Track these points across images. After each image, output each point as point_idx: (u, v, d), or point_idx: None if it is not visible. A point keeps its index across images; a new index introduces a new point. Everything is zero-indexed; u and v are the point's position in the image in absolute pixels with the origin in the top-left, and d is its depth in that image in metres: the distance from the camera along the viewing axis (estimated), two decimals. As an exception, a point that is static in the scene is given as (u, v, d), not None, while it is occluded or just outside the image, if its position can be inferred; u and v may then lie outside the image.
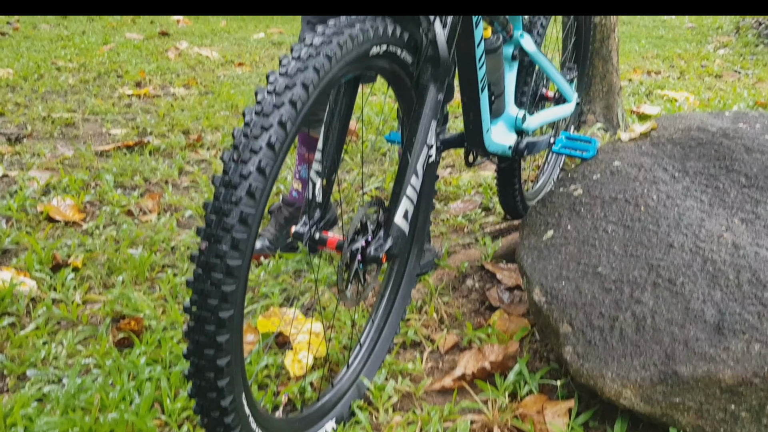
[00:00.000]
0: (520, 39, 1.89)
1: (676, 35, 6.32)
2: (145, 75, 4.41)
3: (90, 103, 3.72)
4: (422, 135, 1.31)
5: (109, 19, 6.67)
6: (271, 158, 0.99)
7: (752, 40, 5.89)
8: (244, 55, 5.18)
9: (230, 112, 3.56)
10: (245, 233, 0.97)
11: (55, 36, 5.70)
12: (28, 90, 4.00)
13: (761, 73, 4.57)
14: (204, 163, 2.87)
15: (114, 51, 5.10)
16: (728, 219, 1.63)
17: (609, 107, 3.07)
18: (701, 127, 2.02)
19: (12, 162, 2.85)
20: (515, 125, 1.94)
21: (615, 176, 1.86)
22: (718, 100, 3.81)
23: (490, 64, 1.72)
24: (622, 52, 5.33)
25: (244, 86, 4.15)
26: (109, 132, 3.25)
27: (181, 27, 6.43)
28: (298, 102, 1.02)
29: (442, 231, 2.28)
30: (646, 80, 4.37)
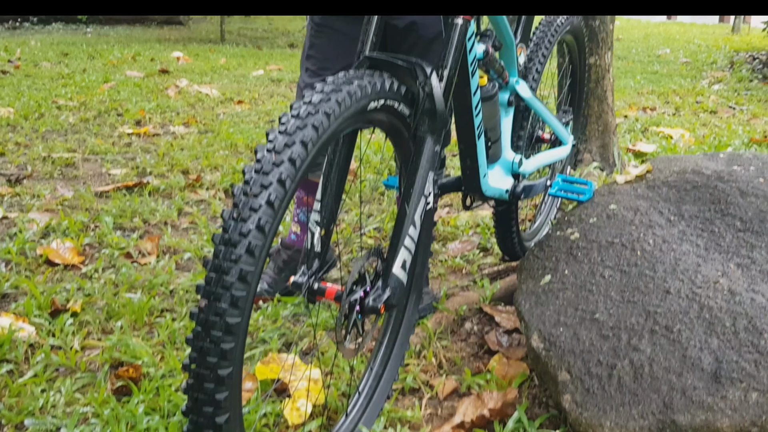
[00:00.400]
0: (516, 85, 1.91)
1: (671, 70, 6.39)
2: (145, 113, 4.45)
3: (90, 142, 3.75)
4: (420, 186, 1.33)
5: (109, 57, 6.74)
6: (271, 216, 1.01)
7: (746, 75, 5.96)
8: (244, 93, 5.23)
9: (229, 151, 3.58)
10: (244, 291, 0.98)
11: (56, 74, 5.75)
12: (28, 129, 4.03)
13: (755, 109, 4.61)
14: (203, 203, 2.88)
15: (114, 89, 5.15)
16: (724, 264, 1.64)
17: (605, 146, 3.10)
18: (696, 169, 2.04)
19: (12, 203, 2.86)
20: (512, 169, 1.96)
21: (611, 220, 1.88)
22: (714, 137, 3.85)
23: (487, 112, 1.75)
24: (617, 88, 5.39)
25: (244, 124, 4.18)
26: (109, 172, 3.27)
27: (181, 64, 6.49)
28: (297, 160, 1.04)
29: (440, 272, 2.29)
30: (641, 117, 4.41)
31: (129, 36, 9.06)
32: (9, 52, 6.99)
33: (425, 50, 1.82)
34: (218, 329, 0.98)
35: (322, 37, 1.85)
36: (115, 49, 7.37)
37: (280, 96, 5.18)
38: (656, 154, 3.43)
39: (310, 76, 1.88)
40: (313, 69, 1.88)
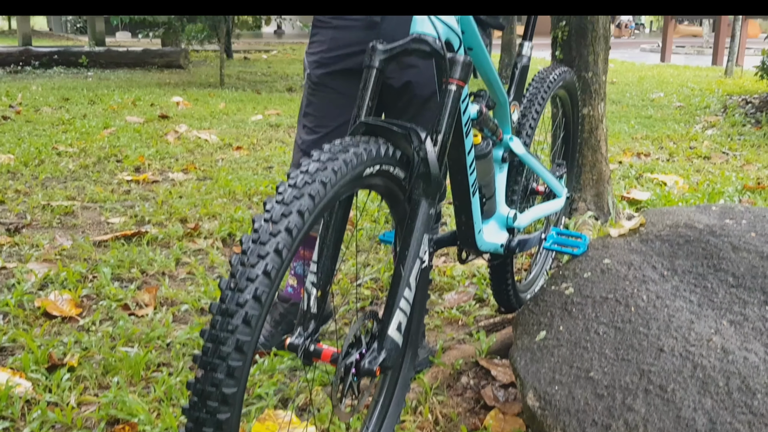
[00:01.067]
0: (510, 142, 1.95)
1: (665, 115, 6.47)
2: (144, 160, 4.49)
3: (89, 190, 3.78)
4: (414, 249, 1.35)
5: (110, 102, 6.81)
6: (267, 286, 1.02)
7: (739, 120, 6.03)
8: (242, 138, 5.28)
9: (227, 199, 3.61)
10: (241, 361, 1.00)
11: (57, 119, 5.81)
12: (28, 176, 4.06)
13: (748, 155, 4.66)
14: (201, 253, 2.90)
15: (114, 135, 5.20)
16: (717, 321, 1.66)
17: (599, 195, 3.13)
18: (688, 223, 2.07)
19: (11, 253, 2.88)
20: (506, 224, 1.98)
21: (605, 274, 1.89)
22: (707, 184, 3.88)
23: (481, 169, 1.78)
24: (612, 133, 5.46)
25: (242, 171, 4.22)
26: (108, 221, 3.29)
27: (181, 109, 6.56)
28: (294, 229, 1.06)
29: (436, 324, 2.30)
30: (636, 163, 4.46)
31: (129, 80, 9.17)
32: (10, 97, 7.07)
33: (420, 109, 1.86)
34: (214, 400, 0.99)
35: (319, 95, 1.89)
36: (116, 93, 7.45)
37: (278, 141, 5.22)
38: (650, 202, 3.46)
39: (307, 134, 1.91)
40: (310, 126, 1.91)
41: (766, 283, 1.74)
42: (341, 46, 1.82)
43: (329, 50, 1.83)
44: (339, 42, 1.82)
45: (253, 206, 3.52)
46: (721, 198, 3.53)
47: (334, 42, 1.82)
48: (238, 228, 3.14)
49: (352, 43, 1.80)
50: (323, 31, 1.84)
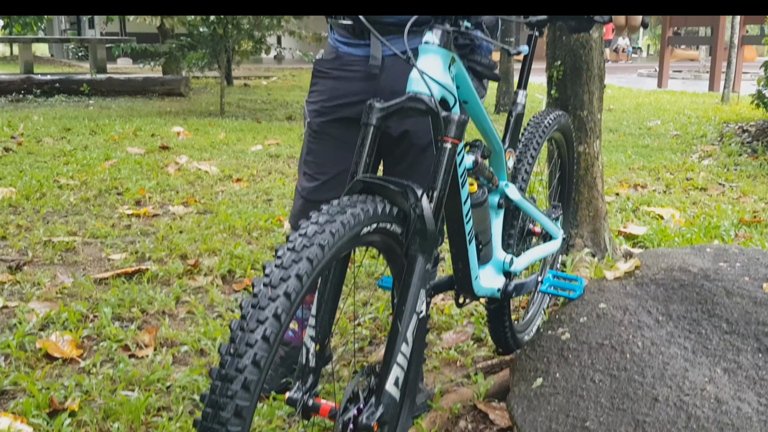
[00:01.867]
0: (506, 189, 1.98)
1: (662, 144, 6.51)
2: (145, 192, 4.52)
3: (90, 224, 3.81)
4: (411, 304, 1.37)
5: (111, 132, 6.86)
6: (266, 350, 1.05)
7: (735, 149, 6.08)
8: (242, 170, 5.32)
9: (227, 234, 3.64)
10: (239, 426, 1.02)
11: (58, 151, 5.86)
12: (30, 210, 4.09)
13: (745, 186, 4.70)
14: (201, 291, 2.92)
15: (115, 167, 5.24)
16: (711, 368, 1.68)
17: (596, 231, 3.16)
18: (683, 267, 2.09)
19: (12, 292, 2.90)
20: (503, 268, 2.01)
21: (601, 319, 1.92)
22: (704, 217, 3.92)
23: (477, 217, 1.81)
24: (609, 164, 5.50)
25: (242, 204, 4.25)
26: (109, 257, 3.31)
27: (182, 140, 6.61)
28: (292, 294, 1.09)
29: (435, 365, 2.31)
30: (633, 195, 4.49)
31: (131, 108, 9.23)
32: (12, 127, 7.13)
33: (418, 157, 1.89)
34: (215, 464, 1.01)
35: (319, 142, 1.92)
36: (117, 123, 7.50)
37: (277, 173, 5.26)
38: (647, 237, 3.49)
39: (308, 181, 1.94)
40: (310, 173, 1.94)
41: (759, 330, 1.77)
42: (340, 95, 1.85)
43: (329, 99, 1.87)
44: (338, 92, 1.85)
45: (252, 241, 3.55)
46: (717, 232, 3.56)
47: (333, 92, 1.86)
48: (237, 264, 3.17)
49: (351, 93, 1.84)
50: (323, 81, 1.88)
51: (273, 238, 3.54)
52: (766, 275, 2.00)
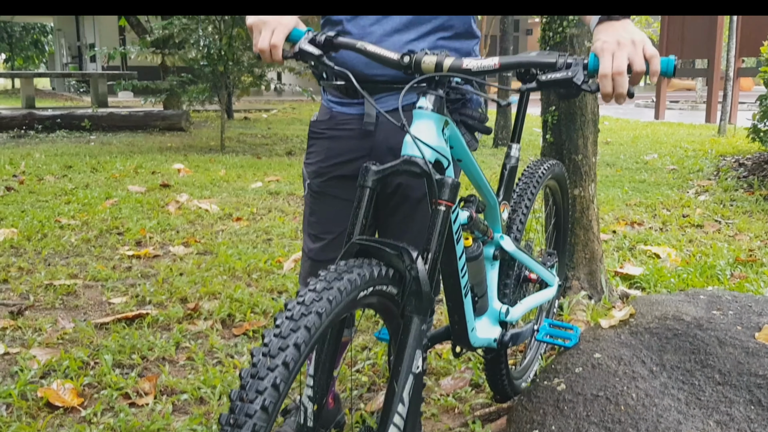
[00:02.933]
0: (500, 241, 2.01)
1: (659, 179, 6.57)
2: (145, 232, 4.56)
3: (91, 267, 3.84)
4: (407, 364, 1.40)
5: (112, 170, 6.92)
6: (265, 420, 1.08)
7: (731, 184, 6.12)
8: (242, 208, 5.36)
9: (227, 276, 3.67)
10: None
11: (60, 190, 5.90)
12: (31, 252, 4.13)
13: (740, 223, 4.74)
14: (201, 336, 2.94)
15: (116, 206, 5.28)
16: (704, 421, 1.70)
17: (592, 273, 3.19)
18: (677, 315, 2.12)
19: (14, 338, 2.92)
20: (499, 318, 2.04)
21: (596, 370, 1.94)
22: (700, 256, 3.95)
23: (472, 270, 1.84)
24: (606, 200, 5.54)
25: (242, 245, 4.28)
26: (109, 301, 3.34)
27: (182, 177, 6.66)
28: (290, 363, 1.12)
29: (433, 412, 2.33)
30: (629, 233, 4.53)
31: (131, 143, 9.31)
32: (14, 165, 7.19)
33: (413, 210, 1.92)
34: None
35: (320, 202, 1.94)
36: (118, 160, 7.56)
37: (277, 210, 5.30)
38: (643, 277, 3.52)
39: (313, 241, 1.96)
40: (315, 234, 1.95)
41: (751, 381, 1.79)
42: (337, 155, 1.89)
43: (326, 159, 1.91)
44: (334, 151, 1.89)
45: (252, 283, 3.58)
46: (713, 272, 3.59)
47: (329, 151, 1.90)
48: (237, 308, 3.19)
49: (347, 151, 1.88)
50: (319, 142, 1.92)
51: (272, 280, 3.57)
52: (758, 324, 2.03)
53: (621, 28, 1.38)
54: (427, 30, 1.77)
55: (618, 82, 1.33)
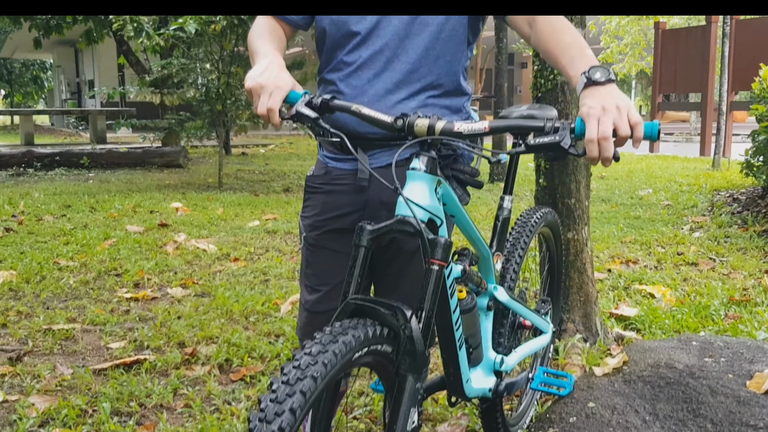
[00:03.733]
0: (494, 291, 2.05)
1: (653, 215, 6.62)
2: (143, 274, 4.58)
3: (90, 310, 3.86)
4: (402, 423, 1.42)
5: (110, 210, 6.96)
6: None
7: (726, 220, 6.17)
8: (240, 247, 5.39)
9: (225, 320, 3.69)
10: None
11: (58, 230, 5.94)
12: (30, 295, 4.15)
13: (735, 261, 4.78)
14: (198, 382, 2.96)
15: (114, 247, 5.31)
16: (697, 473, 1.72)
17: (587, 316, 3.22)
18: (669, 363, 2.15)
19: (12, 385, 2.93)
20: (494, 368, 2.06)
21: (590, 420, 1.96)
22: (695, 296, 3.98)
23: (467, 322, 1.87)
24: (601, 237, 5.59)
25: (239, 286, 4.31)
26: (108, 346, 3.36)
27: (180, 216, 6.70)
28: (287, 428, 1.14)
29: (429, 460, 2.34)
30: (624, 271, 4.56)
31: (130, 181, 9.37)
32: (13, 204, 7.23)
33: (407, 263, 1.96)
34: None
35: (316, 255, 1.98)
36: (116, 199, 7.61)
37: (274, 250, 5.34)
38: (638, 318, 3.54)
39: (309, 293, 1.99)
40: (312, 286, 1.98)
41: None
42: (332, 209, 1.93)
43: (321, 213, 1.94)
44: (329, 205, 1.93)
45: (250, 326, 3.60)
46: (707, 312, 3.62)
47: (325, 206, 1.94)
48: (234, 353, 3.21)
49: (342, 205, 1.92)
50: (315, 196, 1.96)
51: (270, 323, 3.59)
52: (749, 372, 2.05)
53: (606, 94, 1.43)
54: (417, 89, 1.82)
55: (604, 147, 1.38)
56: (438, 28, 1.79)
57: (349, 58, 1.83)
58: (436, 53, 1.80)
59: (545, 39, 1.62)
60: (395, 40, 1.79)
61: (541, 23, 1.64)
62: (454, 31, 1.81)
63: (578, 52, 1.55)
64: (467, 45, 1.88)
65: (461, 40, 1.84)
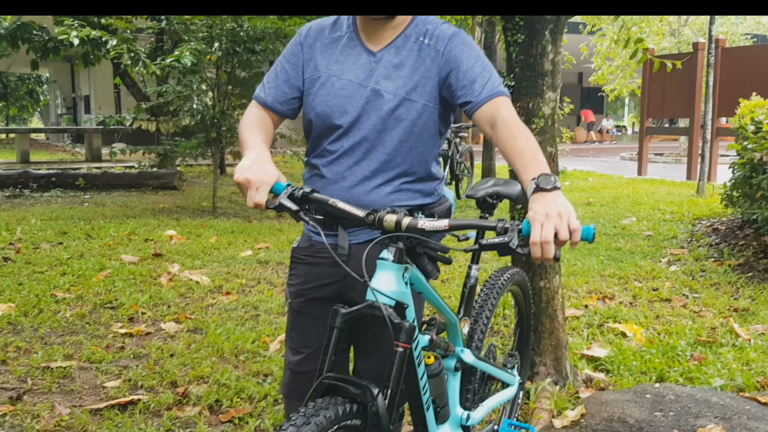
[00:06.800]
0: (461, 354, 2.23)
1: (634, 246, 6.83)
2: (138, 308, 4.76)
3: (86, 346, 4.03)
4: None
5: (106, 238, 7.14)
6: None
7: (703, 253, 6.39)
8: (232, 279, 5.58)
9: (216, 358, 3.87)
10: None
11: (55, 260, 6.11)
12: (28, 329, 4.32)
13: (706, 298, 4.98)
14: (190, 424, 3.13)
15: (110, 278, 5.49)
16: None
17: (558, 359, 3.41)
18: (622, 417, 2.34)
19: (13, 425, 3.10)
20: (460, 423, 2.25)
21: (547, 473, 2.15)
22: (664, 335, 4.18)
23: (434, 386, 2.05)
24: (581, 270, 5.79)
25: (231, 321, 4.49)
26: (103, 385, 3.53)
27: (174, 244, 6.88)
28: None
29: (403, 504, 2.52)
30: (600, 308, 4.76)
31: (125, 204, 9.54)
32: (10, 231, 7.40)
33: (383, 328, 2.14)
34: None
35: (300, 320, 2.17)
36: (112, 226, 7.78)
37: (266, 282, 5.52)
38: (608, 359, 3.73)
39: (293, 354, 2.17)
40: (295, 347, 2.16)
41: (682, 488, 2.00)
42: (314, 279, 2.12)
43: (305, 282, 2.14)
44: (312, 276, 2.12)
45: (239, 365, 3.78)
46: (674, 353, 3.82)
47: (308, 276, 2.13)
48: (224, 394, 3.39)
49: (323, 276, 2.11)
50: (299, 267, 2.15)
51: (259, 363, 3.77)
52: (693, 427, 2.24)
53: (551, 200, 1.62)
54: (392, 176, 2.02)
55: (545, 249, 1.57)
56: (411, 123, 1.99)
57: (332, 147, 2.04)
58: (409, 145, 2.01)
59: (503, 142, 1.82)
60: (373, 133, 2.00)
61: (500, 128, 1.84)
62: (426, 126, 2.01)
63: (531, 158, 1.74)
64: (439, 136, 2.08)
65: (433, 133, 2.04)
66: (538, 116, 3.24)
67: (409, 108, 1.98)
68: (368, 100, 1.99)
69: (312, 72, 2.06)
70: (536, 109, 3.25)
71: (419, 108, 1.99)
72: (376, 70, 2.01)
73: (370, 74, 2.01)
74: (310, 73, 2.07)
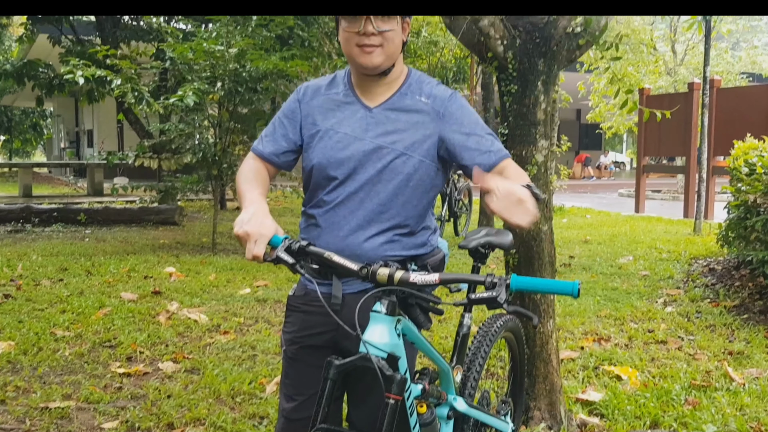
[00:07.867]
0: (454, 402, 2.27)
1: (630, 286, 6.86)
2: (136, 347, 4.79)
3: (84, 386, 4.06)
4: None
5: (106, 275, 7.18)
6: None
7: (699, 294, 6.42)
8: (230, 318, 5.61)
9: (213, 399, 3.89)
10: None
11: (55, 297, 6.15)
12: (27, 368, 4.35)
13: (701, 340, 5.01)
14: (186, 467, 3.16)
15: (108, 317, 5.52)
16: None
17: (552, 404, 3.44)
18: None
19: (10, 467, 3.13)
20: (453, 470, 2.28)
21: None
22: (659, 378, 4.21)
23: (426, 434, 2.10)
24: (578, 311, 5.83)
25: (228, 362, 4.52)
26: (101, 426, 3.55)
27: (173, 282, 6.92)
28: None
29: None
30: (596, 350, 4.79)
31: (126, 240, 9.60)
32: (11, 267, 7.45)
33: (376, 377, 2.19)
34: None
35: (294, 367, 2.21)
36: (112, 263, 7.83)
37: (263, 321, 5.55)
38: (603, 403, 3.76)
39: (287, 401, 2.21)
40: (289, 394, 2.21)
41: None
42: (309, 327, 2.17)
43: (299, 330, 2.19)
44: (307, 323, 2.18)
45: (236, 407, 3.80)
46: (668, 397, 3.84)
47: (303, 323, 2.18)
48: (220, 436, 3.41)
49: (318, 324, 2.16)
50: (295, 314, 2.21)
51: (255, 405, 3.80)
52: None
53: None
54: (386, 227, 2.08)
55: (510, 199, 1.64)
56: (407, 177, 2.06)
57: (328, 197, 2.11)
58: (404, 198, 2.07)
59: None
60: (369, 184, 2.06)
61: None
62: (422, 180, 2.08)
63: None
64: (435, 190, 2.15)
65: (428, 188, 2.11)
66: (531, 163, 3.32)
67: (406, 162, 2.06)
68: (365, 153, 2.06)
69: (311, 127, 2.14)
70: (529, 156, 3.32)
71: (416, 163, 2.06)
72: (372, 125, 2.08)
73: (366, 128, 2.08)
74: (309, 129, 2.14)
